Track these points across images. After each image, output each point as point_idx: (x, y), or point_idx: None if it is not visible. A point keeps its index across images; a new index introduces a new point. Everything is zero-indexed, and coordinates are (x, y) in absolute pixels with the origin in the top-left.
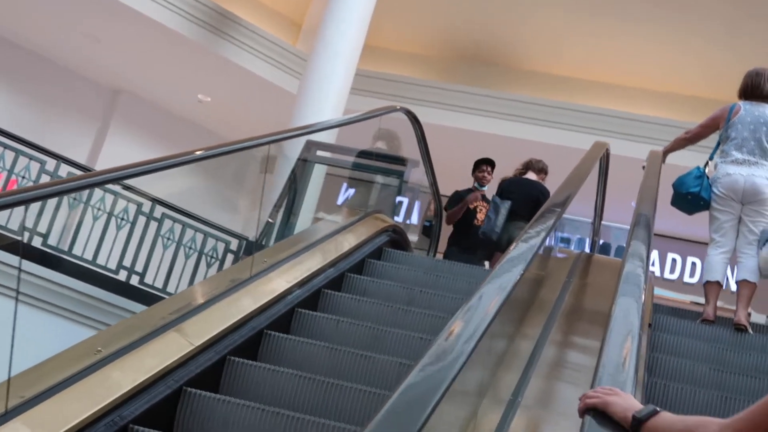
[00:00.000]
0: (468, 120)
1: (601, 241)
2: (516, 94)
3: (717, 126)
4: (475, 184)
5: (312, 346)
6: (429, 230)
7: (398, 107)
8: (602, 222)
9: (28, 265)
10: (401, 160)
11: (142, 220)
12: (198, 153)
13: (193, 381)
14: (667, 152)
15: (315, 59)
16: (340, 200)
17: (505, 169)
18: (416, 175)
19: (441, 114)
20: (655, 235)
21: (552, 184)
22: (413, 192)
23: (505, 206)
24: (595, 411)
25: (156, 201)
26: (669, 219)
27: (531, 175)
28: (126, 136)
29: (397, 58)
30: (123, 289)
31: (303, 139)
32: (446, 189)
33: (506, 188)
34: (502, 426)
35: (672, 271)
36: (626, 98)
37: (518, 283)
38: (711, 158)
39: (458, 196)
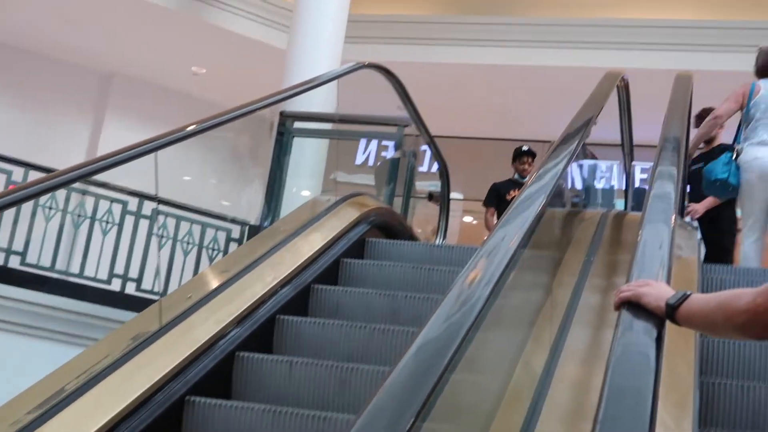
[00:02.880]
0: (488, 53)
1: (637, 184)
2: (538, 18)
3: (742, 104)
4: (516, 176)
5: (250, 412)
6: (433, 196)
7: (366, 63)
8: (635, 163)
9: (5, 290)
10: (393, 122)
11: (129, 220)
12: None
13: None
14: (701, 140)
15: (301, 10)
16: (359, 160)
17: (538, 102)
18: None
19: (453, 51)
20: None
21: None
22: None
23: None
24: (629, 304)
25: (143, 196)
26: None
27: None
28: (124, 120)
29: None
30: (119, 300)
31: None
32: (483, 131)
33: None
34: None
35: None
36: (667, 3)
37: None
38: (738, 142)
39: (496, 190)
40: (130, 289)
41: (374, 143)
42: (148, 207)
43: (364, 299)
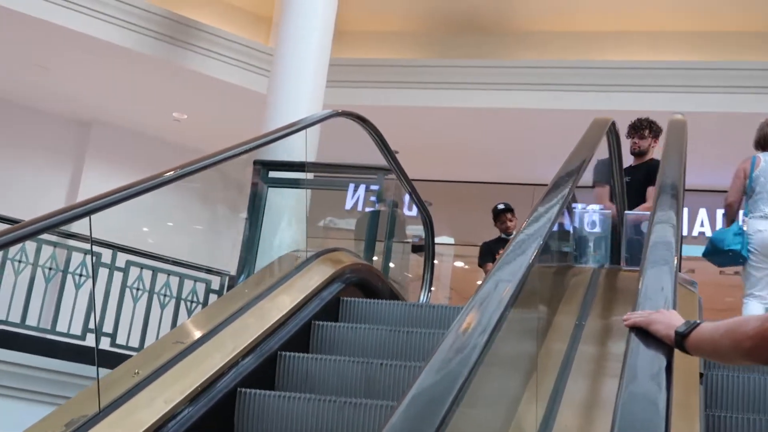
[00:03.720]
0: (473, 96)
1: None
2: (522, 60)
3: (744, 179)
4: (502, 235)
5: None
6: (420, 247)
7: (340, 111)
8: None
9: None
10: (372, 169)
11: (103, 273)
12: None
13: None
14: (733, 217)
15: (282, 55)
16: (348, 205)
17: (526, 145)
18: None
19: (439, 94)
20: (703, 191)
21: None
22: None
23: None
24: (638, 330)
25: (116, 248)
26: (718, 172)
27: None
28: (104, 168)
29: (377, 40)
30: (93, 356)
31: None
32: (472, 175)
33: None
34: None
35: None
36: (653, 45)
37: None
38: (746, 215)
39: (488, 248)
40: (105, 344)
41: (363, 187)
42: (122, 258)
43: (336, 368)
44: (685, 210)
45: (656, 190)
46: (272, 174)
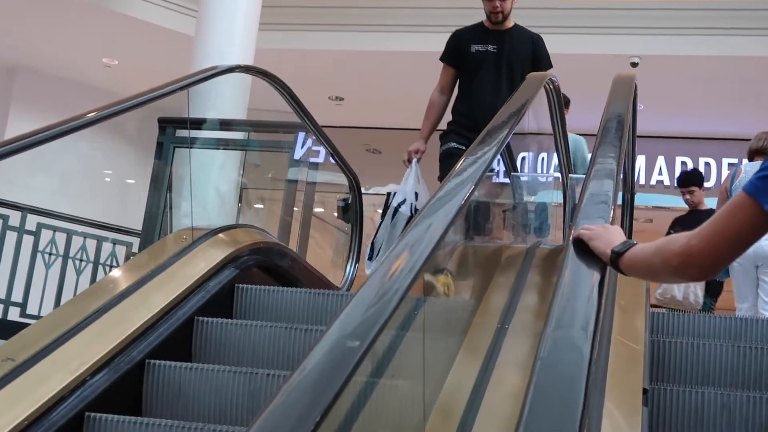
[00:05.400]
0: (418, 39)
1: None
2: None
3: (726, 196)
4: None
5: None
6: (346, 211)
7: (242, 66)
8: (572, 175)
9: None
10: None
11: (11, 237)
12: None
13: None
14: None
15: None
16: (297, 154)
17: None
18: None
19: (383, 37)
20: (662, 137)
21: None
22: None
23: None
24: (578, 244)
25: (25, 209)
26: (677, 118)
27: None
28: (32, 116)
29: None
30: (1, 328)
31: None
32: (417, 122)
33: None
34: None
35: (662, 173)
36: None
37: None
38: None
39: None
40: (14, 314)
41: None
42: (33, 221)
43: (214, 380)
44: (643, 157)
45: (597, 140)
46: (180, 133)
